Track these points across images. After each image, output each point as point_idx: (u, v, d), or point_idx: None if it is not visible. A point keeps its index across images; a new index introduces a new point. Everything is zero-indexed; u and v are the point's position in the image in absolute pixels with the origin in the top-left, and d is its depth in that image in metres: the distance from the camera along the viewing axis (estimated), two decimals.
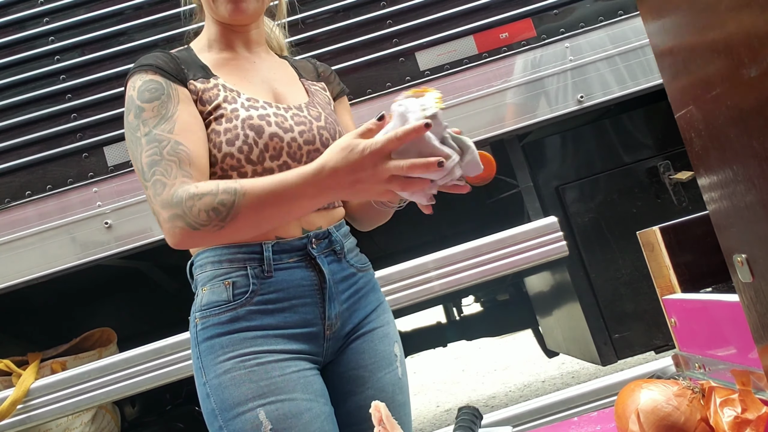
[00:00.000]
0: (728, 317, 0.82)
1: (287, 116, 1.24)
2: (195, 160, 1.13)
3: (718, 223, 0.67)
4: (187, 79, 1.22)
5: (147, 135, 1.14)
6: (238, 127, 1.18)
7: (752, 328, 0.67)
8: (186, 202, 1.07)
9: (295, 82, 1.37)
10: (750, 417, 0.71)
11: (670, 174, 2.35)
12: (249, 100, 1.23)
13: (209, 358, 1.18)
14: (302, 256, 1.23)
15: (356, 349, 1.28)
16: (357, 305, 1.29)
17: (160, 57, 1.22)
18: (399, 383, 1.30)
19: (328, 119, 1.30)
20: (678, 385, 0.82)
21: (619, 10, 2.30)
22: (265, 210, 1.07)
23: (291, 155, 1.22)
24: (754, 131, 0.57)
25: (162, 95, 1.17)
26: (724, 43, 0.58)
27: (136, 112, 1.16)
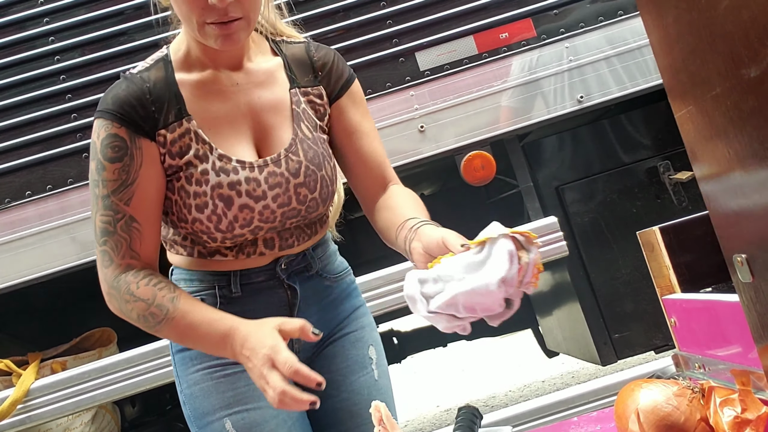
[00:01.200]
0: (728, 317, 0.82)
1: (261, 179, 1.16)
2: (146, 240, 1.15)
3: (718, 223, 0.67)
4: (157, 127, 1.14)
5: (104, 198, 1.13)
6: (207, 194, 1.13)
7: (752, 328, 0.67)
8: (123, 295, 1.12)
9: (282, 104, 1.22)
10: (750, 417, 0.72)
11: (670, 174, 2.35)
12: (221, 158, 1.14)
13: (182, 368, 1.23)
14: (270, 275, 1.22)
15: (328, 354, 1.28)
16: (328, 315, 1.28)
17: (126, 100, 1.12)
18: (376, 385, 1.29)
19: (309, 169, 1.19)
20: (678, 385, 0.82)
21: (619, 11, 2.30)
22: (184, 341, 1.16)
23: (263, 220, 1.16)
24: (754, 131, 0.57)
25: (125, 156, 1.12)
26: (724, 43, 0.58)
27: (97, 166, 1.14)
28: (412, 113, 2.24)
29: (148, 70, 1.17)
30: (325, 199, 1.22)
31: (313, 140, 1.22)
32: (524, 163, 2.36)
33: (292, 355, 1.01)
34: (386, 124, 2.23)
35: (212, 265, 1.21)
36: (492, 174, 2.23)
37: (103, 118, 1.14)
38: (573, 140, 2.49)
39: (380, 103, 2.23)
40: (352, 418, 1.25)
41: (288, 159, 1.18)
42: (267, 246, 1.20)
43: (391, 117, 2.24)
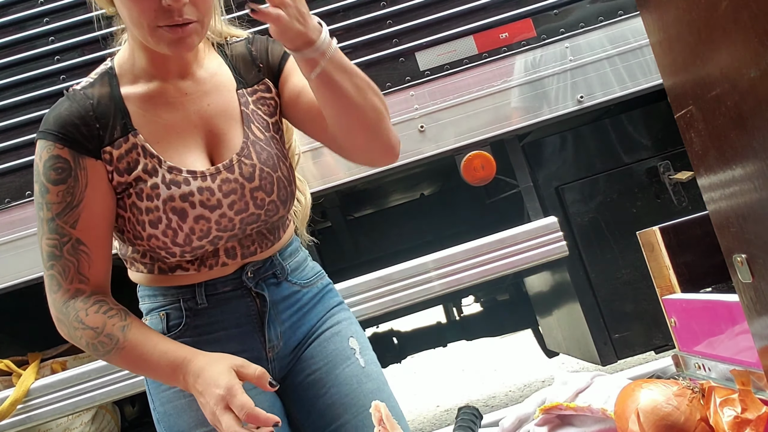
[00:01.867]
0: (728, 317, 0.82)
1: (214, 187, 1.12)
2: (95, 263, 1.11)
3: (718, 224, 0.67)
4: (102, 145, 1.10)
5: (49, 222, 1.09)
6: (160, 209, 1.10)
7: (752, 328, 0.67)
8: (72, 322, 1.10)
9: (232, 108, 1.19)
10: (750, 417, 0.71)
11: (670, 174, 2.35)
12: (171, 170, 1.11)
13: (153, 386, 1.22)
14: (237, 284, 1.20)
15: (306, 356, 1.26)
16: (300, 321, 1.25)
17: (69, 119, 1.09)
18: (364, 372, 1.25)
19: (263, 171, 1.16)
20: (678, 385, 0.82)
21: (619, 11, 2.30)
22: (135, 370, 1.17)
23: (221, 229, 1.14)
24: (754, 131, 0.57)
25: (68, 178, 1.08)
26: (724, 43, 0.58)
27: (41, 189, 1.10)
28: (412, 113, 2.24)
29: (92, 86, 1.14)
30: (285, 201, 1.19)
31: (266, 141, 1.18)
32: (524, 163, 2.36)
33: (248, 399, 1.00)
34: None
35: (174, 280, 1.19)
36: (492, 174, 2.23)
37: (45, 139, 1.10)
38: (573, 140, 2.49)
39: None
40: (348, 409, 1.22)
41: (241, 163, 1.15)
42: (228, 255, 1.18)
43: (391, 117, 2.23)
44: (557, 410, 0.91)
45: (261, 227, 1.19)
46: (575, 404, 0.90)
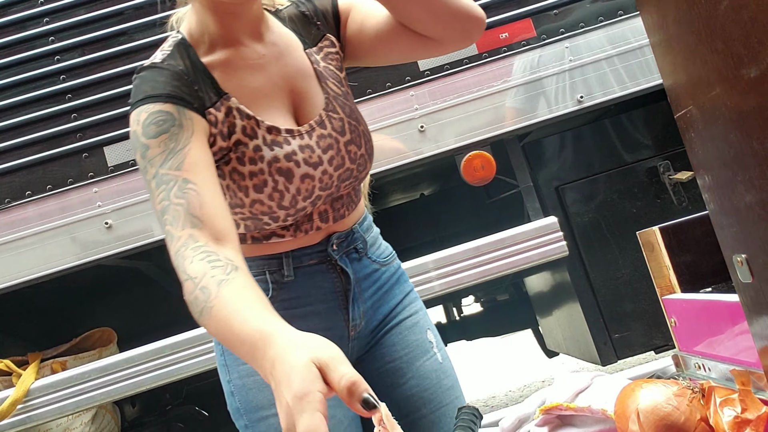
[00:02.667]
0: (728, 317, 0.82)
1: (313, 144, 1.11)
2: (206, 201, 0.96)
3: (717, 223, 0.67)
4: (205, 106, 1.05)
5: (155, 177, 0.98)
6: (265, 171, 1.07)
7: (752, 328, 0.67)
8: (180, 275, 0.95)
9: (306, 67, 1.17)
10: (750, 417, 0.71)
11: (670, 174, 2.35)
12: (270, 131, 1.08)
13: (232, 358, 1.16)
14: (322, 258, 1.18)
15: (387, 342, 1.25)
16: (381, 301, 1.25)
17: (168, 82, 1.03)
18: (441, 368, 1.26)
19: (351, 124, 1.16)
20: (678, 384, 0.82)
21: (619, 11, 2.30)
22: (221, 340, 0.89)
23: (323, 187, 1.12)
24: (754, 131, 0.57)
25: (172, 126, 1.00)
26: (724, 43, 0.58)
27: (141, 152, 1.01)
28: (412, 113, 2.24)
29: (172, 57, 1.08)
30: (371, 155, 1.19)
31: (344, 95, 1.19)
32: (524, 163, 2.36)
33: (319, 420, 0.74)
34: (386, 124, 2.23)
35: (265, 249, 1.15)
36: (492, 174, 2.23)
37: (143, 103, 1.02)
38: (573, 140, 2.49)
39: (380, 103, 2.23)
40: (426, 404, 1.22)
41: (330, 118, 1.14)
42: (322, 219, 1.16)
43: (391, 117, 2.24)
44: (557, 411, 0.91)
45: (350, 186, 1.18)
46: (575, 404, 0.90)
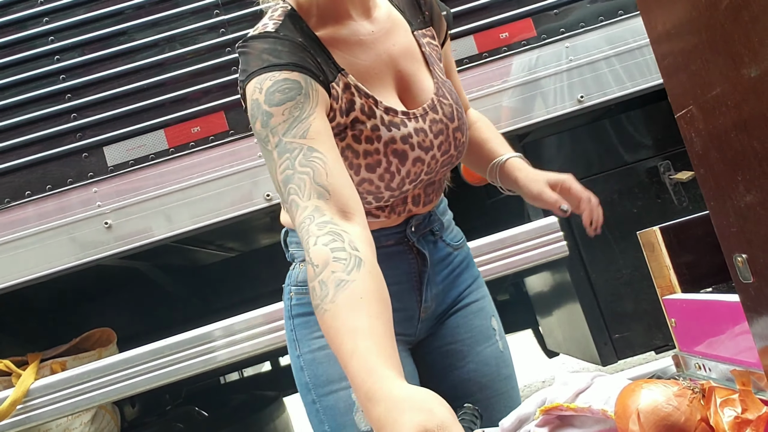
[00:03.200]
0: (728, 317, 0.82)
1: (426, 128, 1.09)
2: (331, 169, 0.92)
3: (718, 223, 0.67)
4: (329, 80, 1.03)
5: (278, 146, 0.94)
6: (380, 151, 1.05)
7: (752, 329, 0.67)
8: (306, 250, 0.90)
9: (413, 48, 1.15)
10: (750, 417, 0.71)
11: (671, 174, 2.35)
12: (388, 112, 1.07)
13: (303, 332, 1.16)
14: (400, 239, 1.17)
15: (451, 324, 1.24)
16: (452, 285, 1.25)
17: (292, 51, 0.99)
18: (502, 356, 1.26)
19: (459, 111, 1.14)
20: (678, 385, 0.82)
21: (619, 11, 2.30)
22: (327, 339, 0.85)
23: (428, 172, 1.12)
24: (754, 131, 0.57)
25: (298, 95, 0.96)
26: (724, 43, 0.58)
27: (263, 120, 0.96)
28: None
29: (285, 27, 1.04)
30: (467, 143, 1.20)
31: (449, 83, 1.19)
32: None
33: None
34: None
35: None
36: None
37: (265, 73, 0.97)
38: (573, 140, 2.49)
39: None
40: (482, 390, 1.22)
41: (441, 104, 1.12)
42: (414, 203, 1.15)
43: None
44: (557, 411, 0.91)
45: (446, 171, 1.19)
46: (575, 405, 0.90)
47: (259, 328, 2.00)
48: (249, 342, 2.02)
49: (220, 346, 2.02)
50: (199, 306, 2.93)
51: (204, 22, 2.20)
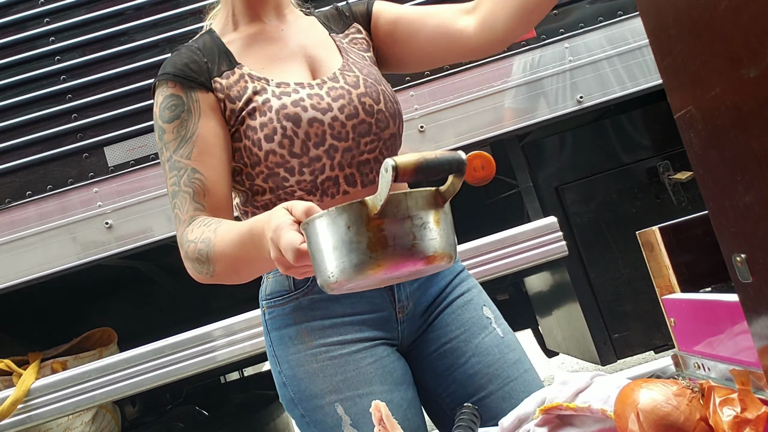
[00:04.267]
0: (728, 317, 0.82)
1: (322, 93, 1.15)
2: (210, 189, 1.10)
3: (717, 223, 0.67)
4: (212, 76, 1.15)
5: (169, 161, 1.12)
6: (273, 119, 1.11)
7: (752, 328, 0.67)
8: (184, 247, 1.08)
9: (327, 42, 1.26)
10: (749, 416, 0.72)
11: (670, 174, 2.35)
12: (279, 85, 1.15)
13: (280, 348, 1.17)
14: None
15: (439, 324, 1.23)
16: (429, 282, 1.23)
17: (179, 61, 1.15)
18: (504, 342, 1.22)
19: (367, 81, 1.19)
20: (677, 384, 0.82)
21: (619, 11, 2.31)
22: (234, 263, 1.03)
23: (335, 136, 1.13)
24: (754, 131, 0.57)
25: (182, 113, 1.12)
26: (724, 43, 0.58)
27: (159, 134, 1.14)
28: (412, 113, 2.24)
29: (195, 41, 1.22)
30: (393, 115, 1.20)
31: (365, 62, 1.24)
32: (524, 163, 2.36)
33: (296, 236, 0.86)
34: None
35: None
36: (492, 174, 2.23)
37: (159, 84, 1.15)
38: (573, 140, 2.49)
39: None
40: (493, 380, 1.19)
41: (344, 75, 1.19)
42: (348, 182, 1.15)
43: None
44: (557, 410, 0.91)
45: (375, 147, 1.17)
46: (575, 404, 0.90)
47: (258, 328, 2.00)
48: (249, 342, 2.02)
49: (220, 346, 2.02)
50: (199, 306, 2.93)
51: (204, 23, 2.20)
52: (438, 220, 0.82)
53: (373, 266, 0.78)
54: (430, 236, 0.80)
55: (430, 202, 0.82)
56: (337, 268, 0.79)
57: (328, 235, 0.79)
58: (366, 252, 0.78)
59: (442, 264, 0.82)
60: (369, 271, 0.78)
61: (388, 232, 0.78)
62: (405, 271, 0.80)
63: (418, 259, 0.79)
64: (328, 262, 0.80)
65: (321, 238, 0.80)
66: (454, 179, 0.84)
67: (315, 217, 0.81)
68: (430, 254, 0.80)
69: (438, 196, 0.83)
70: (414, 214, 0.80)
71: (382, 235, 0.78)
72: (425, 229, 0.80)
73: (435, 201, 0.82)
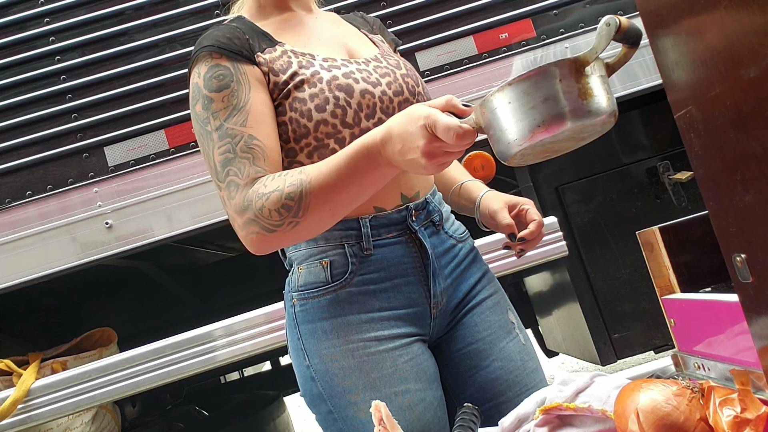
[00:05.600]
0: (727, 317, 0.82)
1: (370, 69, 1.16)
2: (269, 154, 1.07)
3: (717, 223, 0.67)
4: (254, 51, 1.13)
5: (218, 129, 1.07)
6: (325, 90, 1.10)
7: (751, 329, 0.67)
8: (256, 204, 1.02)
9: (359, 35, 1.29)
10: (749, 416, 0.71)
11: (670, 174, 2.35)
12: (326, 60, 1.15)
13: (312, 341, 1.14)
14: (402, 231, 1.16)
15: (468, 323, 1.22)
16: (460, 278, 1.23)
17: (221, 35, 1.12)
18: (525, 349, 1.24)
19: (407, 65, 1.23)
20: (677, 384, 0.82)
21: (619, 11, 2.30)
22: (335, 194, 1.01)
23: (384, 110, 1.13)
24: (754, 131, 0.57)
25: (231, 82, 1.09)
26: (724, 43, 0.58)
27: (204, 103, 1.09)
28: None
29: (228, 23, 1.20)
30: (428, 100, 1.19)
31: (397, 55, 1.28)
32: None
33: (453, 119, 0.91)
34: None
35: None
36: (492, 174, 2.23)
37: (201, 57, 1.12)
38: None
39: None
40: (511, 387, 1.20)
41: (386, 58, 1.22)
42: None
43: None
44: (557, 411, 0.91)
45: None
46: (575, 404, 0.90)
47: (259, 328, 2.00)
48: (249, 342, 2.02)
49: (220, 346, 2.02)
50: (199, 306, 2.93)
51: (204, 23, 2.20)
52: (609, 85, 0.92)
53: (581, 114, 0.86)
54: (612, 96, 0.90)
55: (605, 70, 0.93)
56: (542, 121, 0.86)
57: (533, 93, 0.86)
58: (577, 101, 0.86)
59: (612, 123, 0.91)
60: (573, 121, 0.86)
61: (593, 85, 0.88)
62: (597, 122, 0.88)
63: (609, 113, 0.88)
64: (526, 120, 0.87)
65: (518, 101, 0.87)
66: (627, 51, 0.95)
67: (514, 80, 0.88)
68: (615, 109, 0.89)
69: (609, 67, 0.94)
70: (603, 74, 0.91)
71: (589, 87, 0.87)
72: (610, 89, 0.91)
73: (607, 70, 0.93)
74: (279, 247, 1.10)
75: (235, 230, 1.07)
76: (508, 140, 0.88)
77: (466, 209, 1.35)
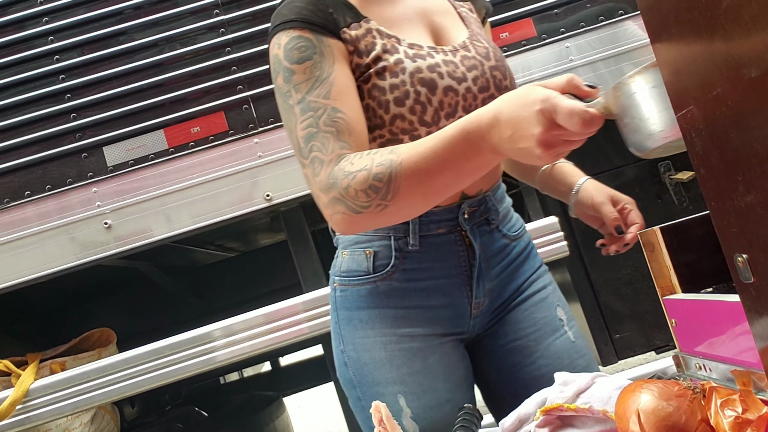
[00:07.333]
0: (729, 317, 0.82)
1: (457, 61, 1.08)
2: (354, 128, 1.00)
3: (718, 224, 0.67)
4: (339, 27, 1.06)
5: (300, 102, 1.01)
6: (407, 83, 1.04)
7: (753, 329, 0.67)
8: (341, 183, 0.96)
9: (449, 9, 1.19)
10: (751, 417, 0.71)
11: (671, 174, 2.35)
12: (412, 47, 1.07)
13: (348, 328, 1.14)
14: (452, 227, 1.11)
15: (511, 320, 1.19)
16: (509, 278, 1.19)
17: (304, 7, 1.04)
18: (574, 347, 1.20)
19: (497, 54, 1.14)
20: (678, 385, 0.82)
21: (619, 11, 2.30)
22: (429, 178, 0.92)
23: (466, 108, 1.07)
24: (755, 131, 0.57)
25: (314, 54, 1.02)
26: (725, 43, 0.58)
27: (285, 76, 1.03)
28: None
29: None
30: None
31: (493, 44, 1.18)
32: None
33: (574, 102, 0.82)
34: None
35: None
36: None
37: (281, 29, 1.04)
38: None
39: None
40: None
41: (475, 44, 1.13)
42: None
43: None
44: (558, 411, 0.91)
45: None
46: (576, 405, 0.89)
47: (259, 328, 2.00)
48: (249, 342, 2.01)
49: (220, 346, 2.02)
50: (199, 306, 2.93)
51: (204, 22, 2.20)
52: None
53: None
54: None
55: None
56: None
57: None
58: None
59: None
60: None
61: None
62: None
63: None
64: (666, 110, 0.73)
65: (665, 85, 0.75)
66: None
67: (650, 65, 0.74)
68: None
69: None
70: None
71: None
72: None
73: None
74: (368, 229, 1.04)
75: (320, 209, 1.01)
76: (649, 131, 0.77)
77: (557, 192, 1.30)
